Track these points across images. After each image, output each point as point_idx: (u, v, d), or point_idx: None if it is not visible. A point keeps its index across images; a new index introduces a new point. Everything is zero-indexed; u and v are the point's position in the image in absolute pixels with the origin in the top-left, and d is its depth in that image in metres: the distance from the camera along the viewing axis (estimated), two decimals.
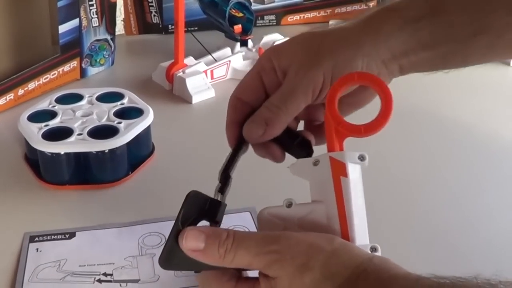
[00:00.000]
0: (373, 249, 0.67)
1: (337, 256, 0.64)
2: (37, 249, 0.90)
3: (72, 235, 0.92)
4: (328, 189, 0.68)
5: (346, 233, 0.68)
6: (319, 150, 0.72)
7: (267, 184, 0.94)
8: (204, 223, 0.69)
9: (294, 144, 0.74)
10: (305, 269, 0.62)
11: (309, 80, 0.72)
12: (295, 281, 0.63)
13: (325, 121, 0.70)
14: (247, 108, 0.75)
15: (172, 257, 0.67)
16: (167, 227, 0.90)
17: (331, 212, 0.69)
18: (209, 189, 0.73)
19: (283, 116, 0.72)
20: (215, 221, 0.70)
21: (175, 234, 0.67)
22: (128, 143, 1.02)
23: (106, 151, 1.01)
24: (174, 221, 0.69)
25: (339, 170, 0.68)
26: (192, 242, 0.66)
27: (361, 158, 0.69)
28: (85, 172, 1.03)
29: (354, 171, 0.69)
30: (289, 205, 0.70)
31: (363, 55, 0.72)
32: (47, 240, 0.91)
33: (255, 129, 0.73)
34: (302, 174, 0.71)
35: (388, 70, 0.74)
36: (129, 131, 1.02)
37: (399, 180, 1.05)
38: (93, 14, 1.36)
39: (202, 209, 0.70)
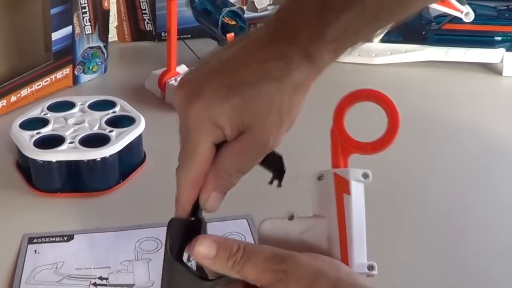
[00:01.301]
0: (371, 267, 0.68)
1: (340, 286, 0.64)
2: (35, 251, 0.91)
3: (70, 237, 0.93)
4: (330, 204, 0.69)
5: (345, 249, 0.69)
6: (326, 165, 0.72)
7: (264, 192, 0.94)
8: None
9: (268, 158, 0.70)
10: None
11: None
12: None
13: (331, 137, 0.70)
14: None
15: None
16: (164, 233, 0.91)
17: (332, 228, 0.69)
18: None
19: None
20: None
21: (169, 265, 0.67)
22: (119, 152, 1.03)
23: (98, 159, 1.01)
24: (164, 227, 0.69)
25: (342, 187, 0.69)
26: (205, 249, 0.65)
27: (365, 176, 0.69)
28: (76, 180, 1.03)
29: (357, 188, 0.69)
30: (291, 217, 0.70)
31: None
32: (45, 242, 0.92)
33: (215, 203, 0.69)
34: (306, 187, 0.71)
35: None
36: (120, 140, 1.03)
37: (399, 190, 1.05)
38: (86, 22, 1.37)
39: (185, 232, 0.69)
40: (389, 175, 1.07)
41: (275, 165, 0.72)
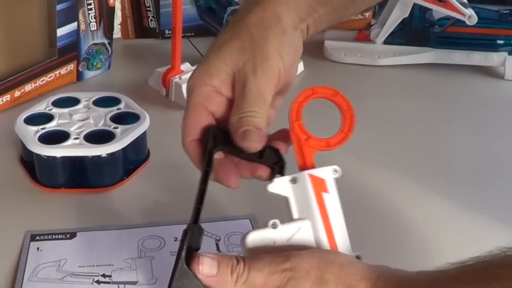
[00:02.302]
0: (357, 257, 0.70)
1: (346, 269, 0.66)
2: (38, 248, 0.91)
3: (73, 235, 0.93)
4: (311, 205, 0.70)
5: (334, 245, 0.71)
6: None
7: (267, 192, 0.95)
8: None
9: (264, 153, 0.73)
10: (322, 283, 0.65)
11: (271, 72, 0.72)
12: None
13: (293, 139, 0.72)
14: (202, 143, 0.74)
15: None
16: (167, 231, 0.93)
17: (317, 227, 0.70)
18: None
19: (265, 116, 0.72)
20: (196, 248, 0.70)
21: (182, 271, 0.67)
22: (124, 148, 1.03)
23: (102, 155, 1.01)
24: (167, 226, 0.70)
25: (319, 187, 0.71)
26: (206, 268, 0.66)
27: (335, 171, 0.71)
28: (80, 176, 1.04)
29: (331, 185, 0.71)
30: (274, 225, 0.70)
31: (284, 27, 0.74)
32: (48, 239, 0.92)
33: (253, 138, 0.70)
34: (281, 191, 0.72)
35: (301, 33, 0.77)
36: (125, 137, 1.03)
37: (397, 192, 1.06)
38: (92, 18, 1.37)
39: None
40: (388, 177, 1.07)
41: (274, 159, 0.73)
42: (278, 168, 0.73)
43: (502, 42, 1.47)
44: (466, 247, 0.75)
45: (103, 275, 0.86)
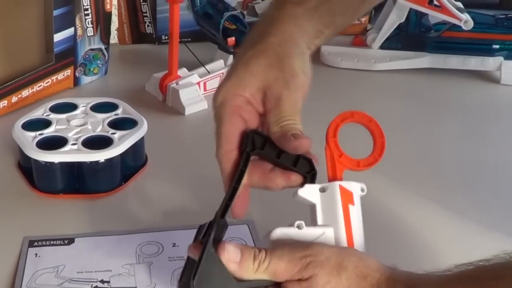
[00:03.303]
0: None
1: (363, 261, 0.70)
2: (36, 254, 0.91)
3: (71, 241, 0.93)
4: (337, 214, 0.74)
5: None
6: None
7: (265, 198, 0.95)
8: None
9: (298, 162, 0.75)
10: (341, 268, 0.68)
11: (300, 86, 0.76)
12: (332, 279, 0.68)
13: (328, 153, 0.77)
14: (237, 152, 0.77)
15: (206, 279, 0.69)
16: (165, 237, 0.93)
17: (340, 235, 0.74)
18: (201, 201, 0.75)
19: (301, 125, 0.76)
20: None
21: (209, 258, 0.69)
22: (121, 154, 1.03)
23: (100, 161, 1.01)
24: (165, 232, 0.70)
25: (347, 199, 0.75)
26: (231, 254, 0.68)
27: (362, 190, 0.76)
28: (78, 181, 1.04)
29: (357, 199, 0.75)
30: (300, 227, 0.73)
31: (302, 49, 0.80)
32: (46, 245, 0.92)
33: (304, 142, 0.73)
34: (310, 197, 0.75)
35: (310, 52, 0.82)
36: (123, 142, 1.03)
37: (394, 194, 1.06)
38: (88, 24, 1.37)
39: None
40: (386, 180, 1.07)
41: (307, 168, 0.76)
42: (310, 176, 0.76)
43: (498, 46, 1.47)
44: (461, 252, 0.75)
45: (102, 281, 0.86)
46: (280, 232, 0.72)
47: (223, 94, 0.77)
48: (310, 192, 0.75)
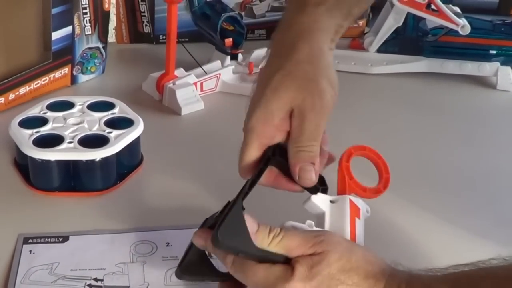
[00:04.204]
0: None
1: (371, 252, 0.74)
2: (31, 251, 0.91)
3: (65, 238, 0.94)
4: (344, 224, 0.77)
5: None
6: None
7: (264, 200, 0.96)
8: None
9: None
10: (351, 251, 0.72)
11: (327, 106, 0.79)
12: (343, 257, 0.71)
13: (339, 174, 0.82)
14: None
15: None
16: (159, 236, 0.94)
17: None
18: (195, 201, 0.75)
19: (319, 145, 0.80)
20: None
21: (237, 211, 0.73)
22: (117, 153, 1.03)
23: (96, 160, 1.02)
24: (159, 231, 0.72)
25: (355, 212, 0.79)
26: (249, 225, 0.72)
27: (367, 211, 0.81)
28: (74, 180, 1.04)
29: (363, 215, 0.80)
30: (311, 226, 0.77)
31: (327, 57, 0.83)
32: (40, 242, 0.93)
33: (309, 175, 0.79)
34: (321, 205, 0.79)
35: (332, 51, 0.86)
36: (119, 141, 1.03)
37: (392, 195, 1.06)
38: (87, 22, 1.38)
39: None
40: None
41: (319, 183, 0.80)
42: (322, 191, 0.80)
43: (494, 52, 1.47)
44: (455, 257, 0.75)
45: (95, 279, 0.86)
46: (291, 226, 0.76)
47: (253, 121, 0.80)
48: (322, 200, 0.79)
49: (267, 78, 0.81)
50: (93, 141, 1.04)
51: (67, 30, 1.35)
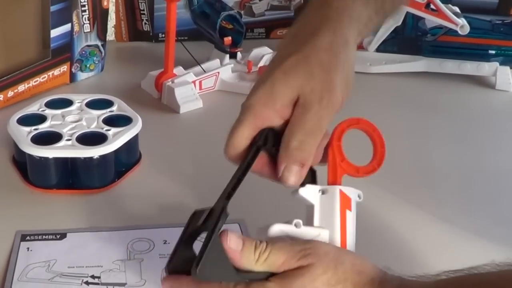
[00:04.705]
0: None
1: (359, 259, 0.72)
2: (28, 248, 0.91)
3: (63, 236, 0.94)
4: (334, 217, 0.75)
5: None
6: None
7: (257, 197, 0.96)
8: None
9: None
10: (338, 263, 0.70)
11: (335, 102, 0.75)
12: (329, 270, 0.69)
13: (330, 156, 0.77)
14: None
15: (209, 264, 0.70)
16: (156, 234, 0.94)
17: (334, 239, 0.75)
18: (193, 198, 0.75)
19: (316, 145, 0.75)
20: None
21: (214, 244, 0.70)
22: (115, 151, 1.03)
23: (94, 157, 1.02)
24: (157, 229, 0.71)
25: (345, 204, 0.76)
26: (233, 243, 0.70)
27: (359, 196, 0.78)
28: (72, 177, 1.04)
29: (354, 205, 0.77)
30: (298, 225, 0.74)
31: (350, 50, 0.78)
32: (38, 239, 0.93)
33: (293, 177, 0.74)
34: (309, 198, 0.77)
35: (357, 45, 0.81)
36: (117, 139, 1.03)
37: (389, 197, 1.06)
38: (85, 20, 1.38)
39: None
40: (375, 185, 1.07)
41: (309, 178, 0.77)
42: (310, 174, 0.77)
43: (493, 52, 1.47)
44: (451, 258, 0.76)
45: (92, 276, 0.86)
46: (278, 229, 0.74)
47: (254, 100, 0.75)
48: (310, 192, 0.76)
49: (280, 59, 0.76)
50: (91, 138, 1.04)
51: (66, 27, 1.35)
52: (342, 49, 0.76)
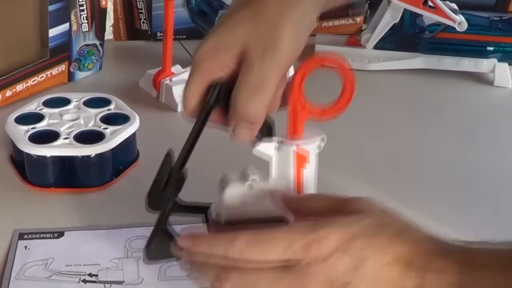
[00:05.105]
0: None
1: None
2: (26, 246, 0.91)
3: (60, 234, 0.94)
4: (289, 176, 0.74)
5: None
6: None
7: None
8: None
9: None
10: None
11: (280, 58, 0.71)
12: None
13: (290, 104, 0.73)
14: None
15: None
16: None
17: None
18: (190, 197, 0.75)
19: (264, 104, 0.71)
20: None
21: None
22: (113, 149, 1.04)
23: (92, 155, 1.02)
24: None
25: (301, 162, 0.74)
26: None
27: (319, 147, 0.75)
28: (69, 175, 1.04)
29: (313, 156, 0.75)
30: (251, 186, 0.74)
31: (306, 6, 0.74)
32: (36, 238, 0.93)
33: (243, 134, 0.73)
34: (263, 154, 0.75)
35: (319, 7, 0.76)
36: (114, 137, 1.04)
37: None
38: (84, 19, 1.38)
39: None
40: (374, 182, 1.08)
41: (265, 132, 0.75)
42: (266, 129, 0.75)
43: (492, 48, 1.47)
44: None
45: (90, 274, 0.86)
46: (231, 194, 0.75)
47: (201, 52, 0.73)
48: (266, 149, 0.74)
49: (229, 13, 0.73)
50: (88, 137, 1.04)
51: (64, 27, 1.35)
52: (295, 4, 0.72)
